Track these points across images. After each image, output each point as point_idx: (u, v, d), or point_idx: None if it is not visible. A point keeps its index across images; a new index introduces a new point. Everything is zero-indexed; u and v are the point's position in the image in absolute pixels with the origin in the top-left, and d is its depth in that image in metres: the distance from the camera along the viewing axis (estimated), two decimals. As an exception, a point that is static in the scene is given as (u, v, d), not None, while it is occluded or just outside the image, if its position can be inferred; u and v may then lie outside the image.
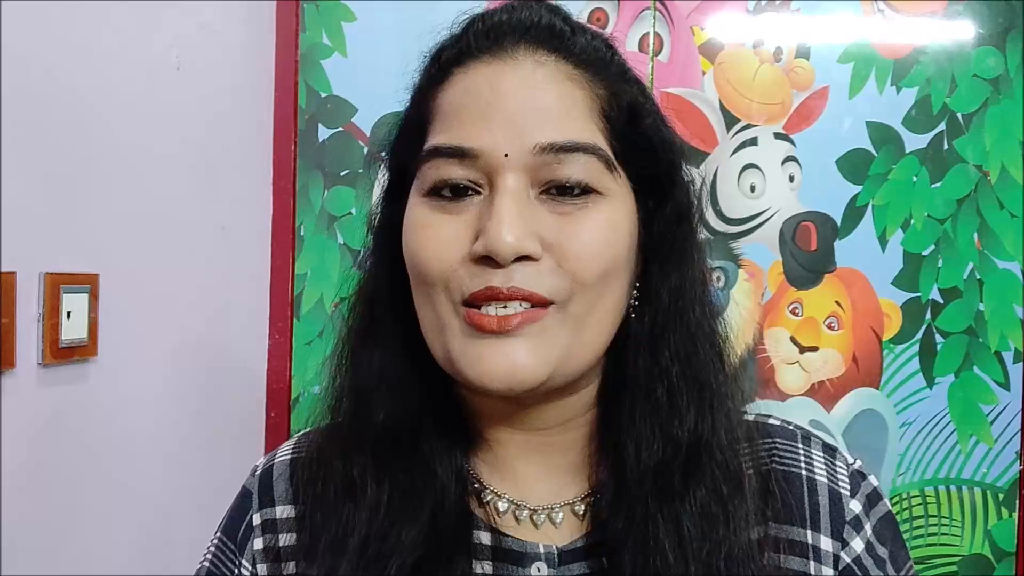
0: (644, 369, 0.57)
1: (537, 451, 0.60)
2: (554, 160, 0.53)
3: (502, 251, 0.51)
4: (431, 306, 0.55)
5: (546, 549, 0.58)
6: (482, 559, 0.58)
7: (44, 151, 0.97)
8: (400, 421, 0.59)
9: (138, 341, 1.13)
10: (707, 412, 0.57)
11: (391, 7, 1.44)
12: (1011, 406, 1.41)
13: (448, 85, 0.57)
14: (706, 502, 0.56)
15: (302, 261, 1.45)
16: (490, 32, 0.57)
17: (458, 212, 0.54)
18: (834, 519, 0.59)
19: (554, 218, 0.53)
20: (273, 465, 0.66)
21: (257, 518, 0.64)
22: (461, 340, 0.53)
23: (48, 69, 0.97)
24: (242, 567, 0.63)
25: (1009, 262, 1.41)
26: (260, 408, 1.44)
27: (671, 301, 0.58)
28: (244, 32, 1.38)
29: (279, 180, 1.45)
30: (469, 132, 0.53)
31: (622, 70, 0.58)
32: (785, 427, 0.63)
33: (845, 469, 0.61)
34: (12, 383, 0.93)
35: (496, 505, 0.59)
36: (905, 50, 1.42)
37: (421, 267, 0.55)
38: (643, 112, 0.58)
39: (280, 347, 1.44)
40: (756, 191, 1.43)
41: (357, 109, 1.44)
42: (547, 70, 0.55)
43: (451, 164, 0.54)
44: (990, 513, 1.42)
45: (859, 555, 0.59)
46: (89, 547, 1.05)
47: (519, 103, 0.53)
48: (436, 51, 0.60)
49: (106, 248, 1.07)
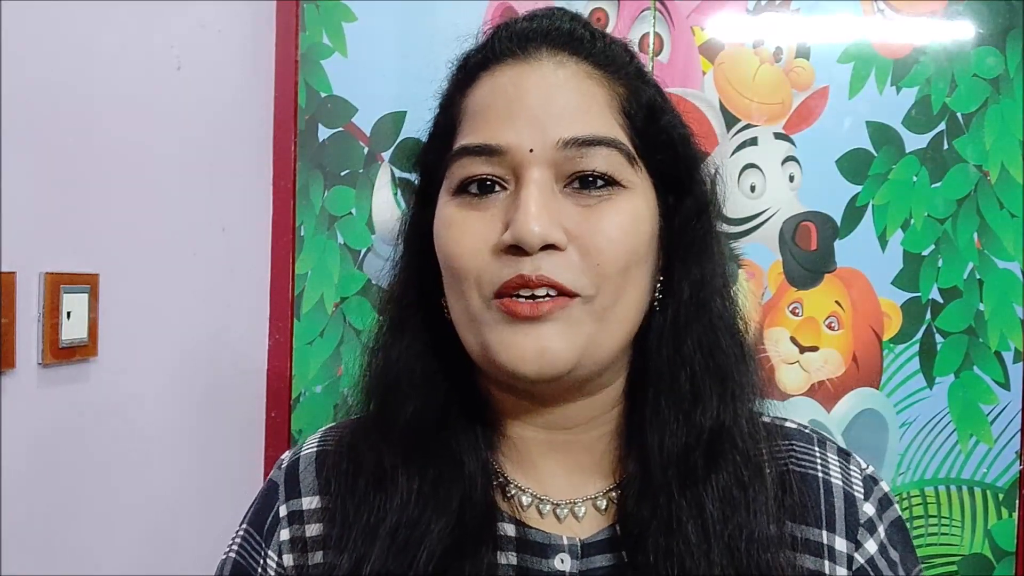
0: (667, 360, 0.60)
1: (560, 449, 0.62)
2: (577, 154, 0.55)
3: (529, 239, 0.53)
4: (463, 301, 0.57)
5: (569, 541, 0.60)
6: (507, 550, 0.60)
7: (44, 151, 0.97)
8: (427, 416, 0.61)
9: (138, 341, 1.13)
10: (729, 400, 0.60)
11: (391, 7, 1.44)
12: (1011, 406, 1.41)
13: (474, 88, 0.59)
14: (728, 487, 0.58)
15: (302, 261, 1.45)
16: (514, 37, 0.59)
17: (485, 208, 0.56)
18: (849, 521, 0.61)
19: (578, 210, 0.56)
20: (300, 458, 0.67)
21: (284, 509, 0.65)
22: (495, 329, 0.56)
23: (48, 69, 0.97)
24: (268, 558, 0.64)
25: (1009, 262, 1.41)
26: (260, 408, 1.44)
27: (693, 293, 0.60)
28: (244, 32, 1.38)
29: (279, 180, 1.45)
30: (495, 130, 0.56)
31: (640, 72, 0.61)
32: (802, 430, 0.65)
33: (859, 473, 0.63)
34: (12, 383, 0.93)
35: (520, 499, 0.61)
36: (905, 50, 1.42)
37: (453, 262, 0.57)
38: (661, 110, 0.60)
39: (280, 347, 1.44)
40: (756, 191, 1.43)
41: (357, 109, 1.44)
42: (568, 70, 0.57)
43: (478, 161, 0.56)
44: (990, 513, 1.42)
45: (872, 556, 0.60)
46: (89, 547, 1.05)
47: (542, 100, 0.56)
48: (463, 58, 0.63)
49: (106, 248, 1.07)
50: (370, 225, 1.44)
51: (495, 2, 1.43)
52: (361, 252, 1.44)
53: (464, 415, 0.61)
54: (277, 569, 0.64)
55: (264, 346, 1.44)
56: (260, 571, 0.64)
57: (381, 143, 1.44)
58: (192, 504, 1.25)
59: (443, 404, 0.61)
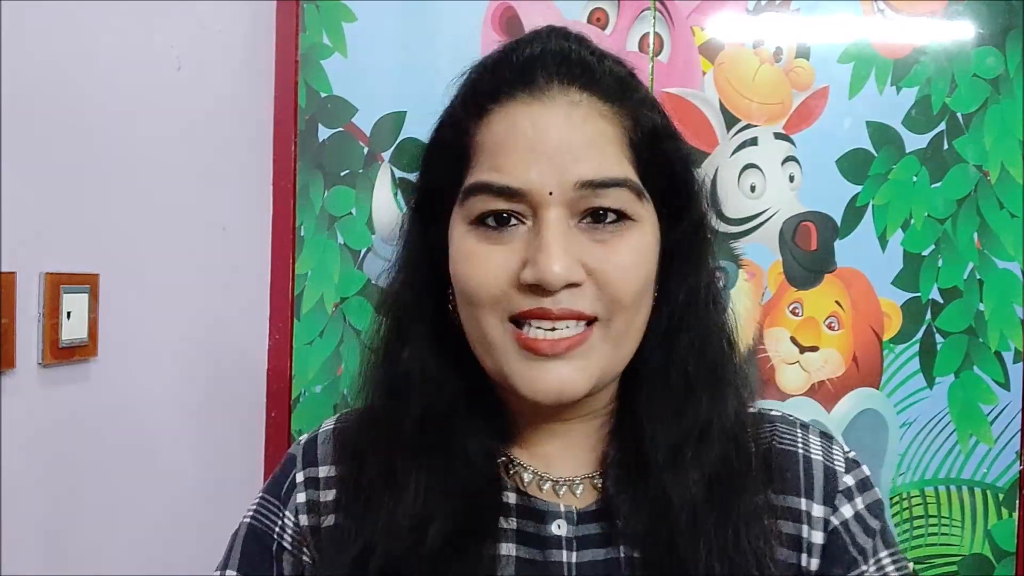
0: (662, 360, 0.64)
1: (561, 435, 0.66)
2: (592, 194, 0.59)
3: (552, 282, 0.57)
4: (478, 324, 0.61)
5: (566, 509, 0.65)
6: (508, 516, 0.64)
7: (44, 151, 0.97)
8: (437, 404, 0.65)
9: (138, 341, 1.13)
10: (720, 398, 0.64)
11: (391, 7, 1.44)
12: (1011, 406, 1.41)
13: (488, 122, 0.61)
14: (715, 470, 0.62)
15: (302, 261, 1.45)
16: (524, 67, 0.61)
17: (504, 241, 0.60)
18: (827, 489, 0.65)
19: (593, 245, 0.59)
20: (317, 435, 0.72)
21: (300, 476, 0.69)
22: (516, 361, 0.60)
23: (48, 69, 0.97)
24: (286, 518, 0.68)
25: (1009, 262, 1.41)
26: (260, 408, 1.44)
27: (687, 299, 0.64)
28: (244, 32, 1.38)
29: (279, 180, 1.45)
30: (516, 171, 0.59)
31: (643, 95, 0.64)
32: (786, 416, 0.70)
33: (841, 454, 0.68)
34: (12, 383, 0.93)
35: (522, 475, 0.66)
36: (905, 50, 1.42)
37: (472, 293, 0.60)
38: (662, 135, 0.63)
39: (280, 347, 1.44)
40: (756, 191, 1.43)
41: (357, 109, 1.44)
42: (582, 110, 0.60)
43: (498, 200, 0.59)
44: (990, 513, 1.42)
45: (847, 520, 0.64)
46: (89, 547, 1.05)
47: (559, 143, 0.59)
48: (470, 81, 0.64)
49: (106, 248, 1.07)
50: (370, 225, 1.44)
51: (495, 2, 1.43)
52: (361, 252, 1.44)
53: (472, 406, 0.65)
54: (294, 528, 0.68)
55: (264, 346, 1.44)
56: (278, 531, 0.68)
57: (381, 143, 1.44)
58: (192, 504, 1.25)
59: (451, 398, 0.65)
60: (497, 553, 0.63)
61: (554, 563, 0.63)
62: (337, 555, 0.65)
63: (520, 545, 0.64)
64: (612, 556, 0.63)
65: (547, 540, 0.64)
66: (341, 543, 0.65)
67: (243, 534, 0.69)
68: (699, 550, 0.60)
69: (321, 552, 0.67)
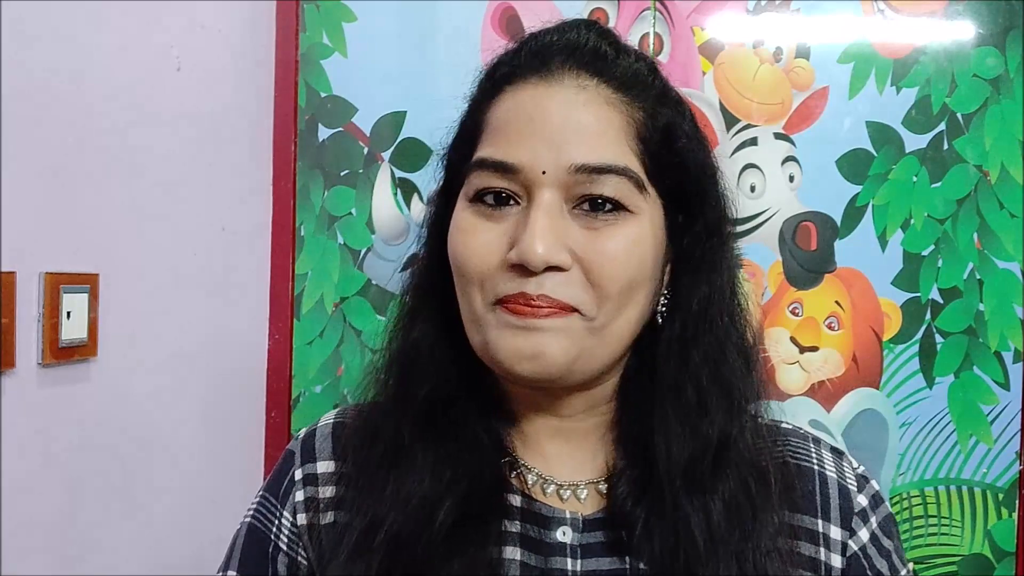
0: (674, 371, 0.62)
1: (562, 434, 0.65)
2: (587, 179, 0.58)
3: (533, 261, 0.56)
4: (468, 301, 0.61)
5: (572, 516, 0.64)
6: (513, 519, 0.64)
7: (44, 151, 0.97)
8: (443, 397, 0.64)
9: (138, 341, 1.13)
10: (735, 413, 0.62)
11: (391, 7, 1.44)
12: (1011, 406, 1.41)
13: (499, 101, 0.61)
14: (734, 494, 0.61)
15: (302, 261, 1.45)
16: (540, 52, 0.61)
17: (498, 220, 0.59)
18: (843, 510, 0.64)
19: (584, 232, 0.58)
20: (316, 429, 0.71)
21: (299, 473, 0.69)
22: (496, 330, 0.59)
23: (48, 69, 0.97)
24: (283, 518, 0.68)
25: (1009, 262, 1.41)
26: (260, 408, 1.44)
27: (700, 309, 0.63)
28: (244, 32, 1.38)
29: (279, 180, 1.45)
30: (512, 148, 0.58)
31: (662, 92, 0.63)
32: (797, 430, 0.69)
33: (852, 471, 0.67)
34: (12, 383, 0.93)
35: (526, 477, 0.65)
36: (905, 50, 1.42)
37: (462, 266, 0.60)
38: (678, 133, 0.62)
39: (280, 347, 1.44)
40: (756, 191, 1.43)
41: (357, 109, 1.44)
42: (588, 94, 0.59)
43: (494, 176, 0.59)
44: (990, 513, 1.42)
45: (865, 544, 0.63)
46: (89, 547, 1.05)
47: (559, 123, 0.58)
48: (492, 66, 0.65)
49: (106, 248, 1.07)
50: (370, 225, 1.44)
51: (495, 2, 1.43)
52: (361, 252, 1.44)
53: (477, 397, 0.65)
54: (291, 528, 0.68)
55: (264, 346, 1.44)
56: (275, 531, 0.68)
57: (381, 143, 1.44)
58: (192, 504, 1.25)
59: (457, 387, 0.65)
60: (502, 556, 0.62)
61: (557, 570, 0.62)
62: (341, 537, 0.64)
63: (523, 550, 0.63)
64: (618, 567, 0.62)
65: (551, 546, 0.63)
66: (346, 524, 0.64)
67: (243, 534, 0.69)
68: (718, 573, 0.58)
69: (320, 546, 0.66)
